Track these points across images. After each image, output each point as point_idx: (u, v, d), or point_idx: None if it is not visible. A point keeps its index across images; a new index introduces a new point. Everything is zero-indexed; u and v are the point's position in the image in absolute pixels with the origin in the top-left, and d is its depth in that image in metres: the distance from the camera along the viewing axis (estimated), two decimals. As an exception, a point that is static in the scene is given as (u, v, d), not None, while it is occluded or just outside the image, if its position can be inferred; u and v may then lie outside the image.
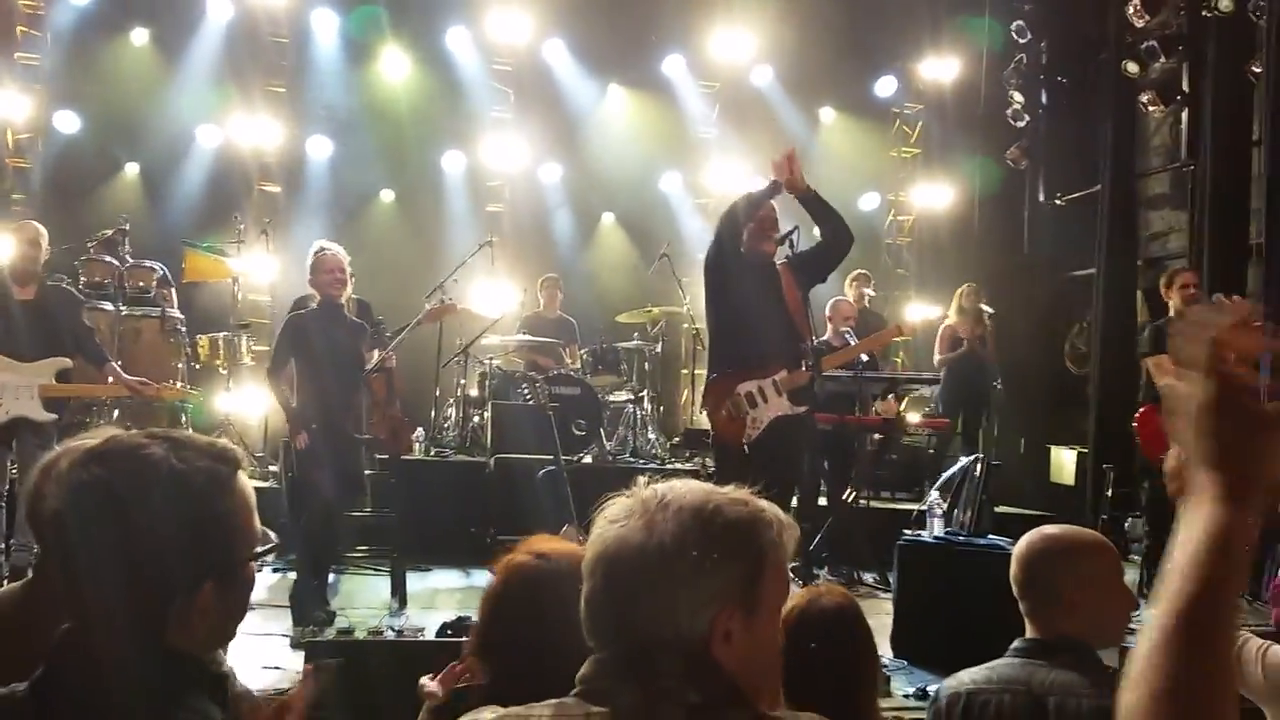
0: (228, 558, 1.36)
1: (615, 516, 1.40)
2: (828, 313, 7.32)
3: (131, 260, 8.27)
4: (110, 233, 8.36)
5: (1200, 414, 0.98)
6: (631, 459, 8.38)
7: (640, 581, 1.34)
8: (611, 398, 8.81)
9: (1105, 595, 2.32)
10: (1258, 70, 8.00)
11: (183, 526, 1.31)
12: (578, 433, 7.83)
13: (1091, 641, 2.31)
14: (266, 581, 6.19)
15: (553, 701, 1.39)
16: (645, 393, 8.96)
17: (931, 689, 4.56)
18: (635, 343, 9.12)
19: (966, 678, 2.35)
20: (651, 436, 8.79)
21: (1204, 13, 8.47)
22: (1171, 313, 6.58)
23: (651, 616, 1.34)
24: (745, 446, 4.94)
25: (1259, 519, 0.96)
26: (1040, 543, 2.38)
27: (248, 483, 1.42)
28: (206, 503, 1.33)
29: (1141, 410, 6.52)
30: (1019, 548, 2.41)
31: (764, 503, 1.43)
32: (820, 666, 2.37)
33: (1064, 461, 9.49)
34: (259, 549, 1.43)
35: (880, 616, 5.50)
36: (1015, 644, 2.36)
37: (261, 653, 4.54)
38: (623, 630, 1.36)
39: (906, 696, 4.60)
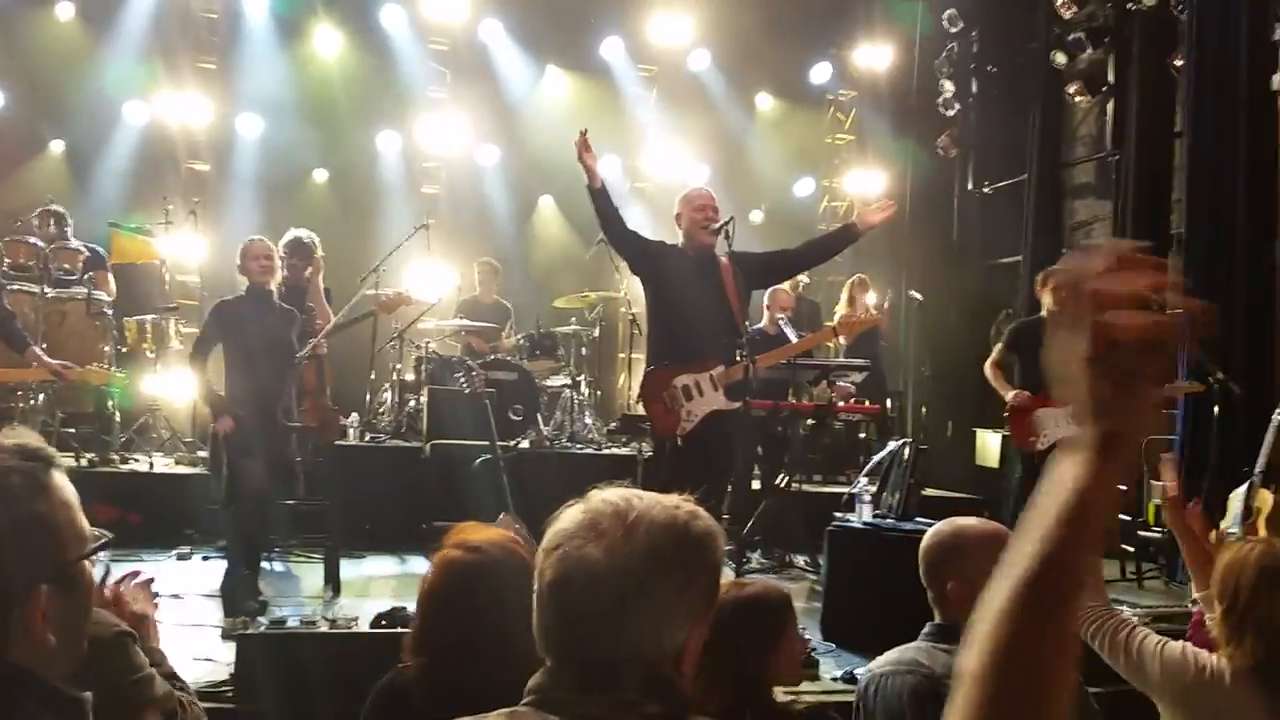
0: (57, 559, 1.32)
1: (575, 532, 1.38)
2: (765, 302, 7.40)
3: (74, 241, 8.12)
4: (42, 210, 8.18)
5: (1078, 364, 0.93)
6: (569, 444, 8.41)
7: (624, 601, 1.34)
8: (548, 383, 8.83)
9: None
10: (1179, 64, 8.21)
11: (3, 533, 1.26)
12: (515, 418, 7.82)
13: None
14: (197, 571, 6.14)
15: (505, 711, 1.39)
16: (582, 378, 8.99)
17: (859, 672, 4.68)
18: (572, 327, 9.14)
19: (883, 660, 2.49)
20: (588, 421, 8.82)
21: (1129, 6, 8.66)
22: (1044, 312, 6.79)
23: (635, 635, 1.34)
24: (679, 439, 4.97)
25: (1123, 482, 0.93)
26: (934, 537, 2.53)
27: (65, 479, 1.37)
28: (24, 505, 1.29)
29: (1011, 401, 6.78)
30: (924, 540, 2.54)
31: (704, 512, 1.47)
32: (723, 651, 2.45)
33: (989, 444, 9.68)
34: (91, 547, 1.39)
35: (811, 600, 5.63)
36: (925, 629, 2.51)
37: (192, 644, 4.50)
38: (597, 648, 1.35)
39: (835, 679, 4.69)
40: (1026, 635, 0.91)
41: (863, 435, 9.06)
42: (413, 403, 8.36)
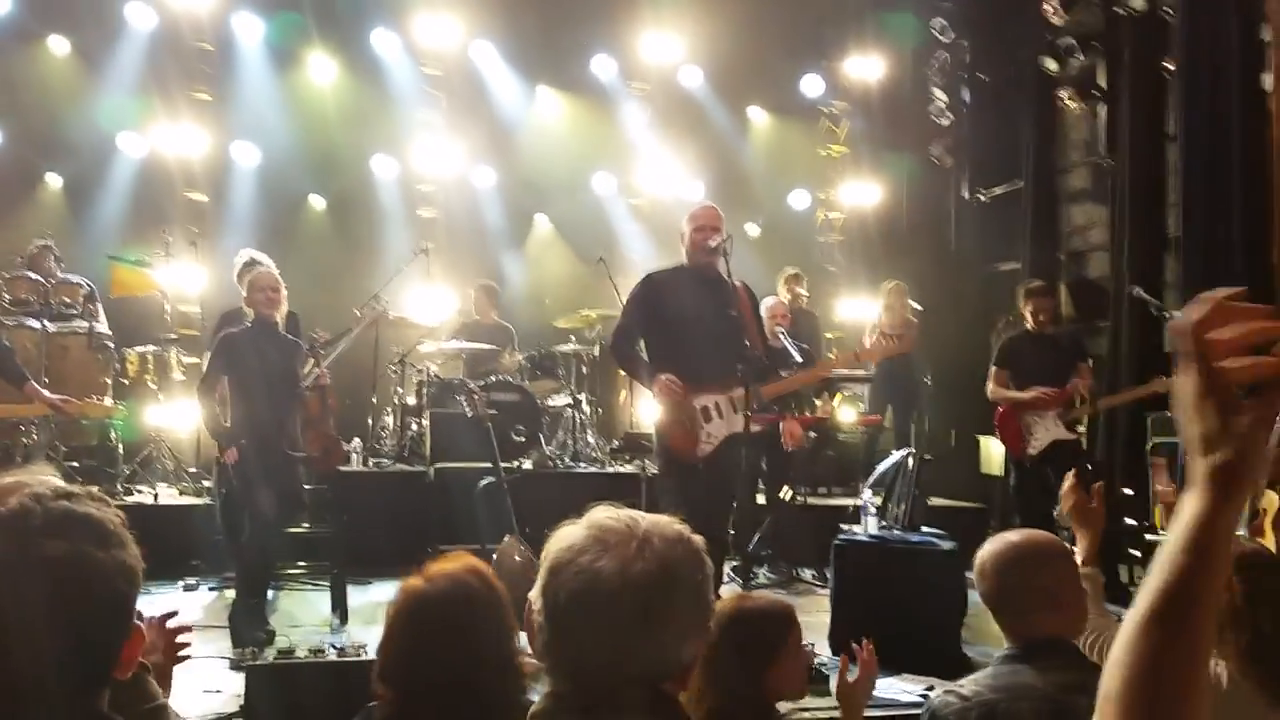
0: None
1: (586, 547, 1.35)
2: (764, 315, 7.40)
3: (60, 276, 8.14)
4: (39, 246, 8.21)
5: (1186, 402, 0.99)
6: (572, 463, 8.40)
7: (648, 615, 1.32)
8: (550, 402, 8.82)
9: (1079, 589, 2.41)
10: (1171, 67, 8.24)
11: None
12: (517, 439, 7.82)
13: (1071, 637, 2.37)
14: (204, 602, 6.14)
15: None
16: (584, 397, 8.98)
17: (903, 695, 4.66)
18: (572, 346, 9.14)
19: (967, 690, 2.30)
20: (591, 440, 8.80)
21: (1118, 10, 8.69)
22: (1028, 325, 6.92)
23: (654, 650, 1.33)
24: (700, 462, 4.85)
25: (1240, 512, 0.97)
26: (1010, 552, 2.38)
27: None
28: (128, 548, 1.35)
29: (1000, 411, 6.92)
30: (985, 563, 2.40)
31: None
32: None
33: (993, 452, 9.67)
34: None
35: (819, 614, 5.61)
36: (1007, 651, 2.35)
37: (200, 676, 4.49)
38: (613, 664, 1.33)
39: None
40: (1156, 659, 0.97)
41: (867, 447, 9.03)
42: (415, 426, 8.36)
